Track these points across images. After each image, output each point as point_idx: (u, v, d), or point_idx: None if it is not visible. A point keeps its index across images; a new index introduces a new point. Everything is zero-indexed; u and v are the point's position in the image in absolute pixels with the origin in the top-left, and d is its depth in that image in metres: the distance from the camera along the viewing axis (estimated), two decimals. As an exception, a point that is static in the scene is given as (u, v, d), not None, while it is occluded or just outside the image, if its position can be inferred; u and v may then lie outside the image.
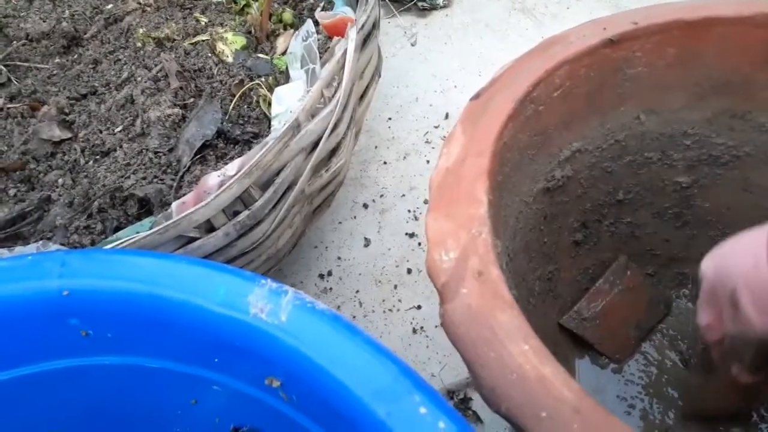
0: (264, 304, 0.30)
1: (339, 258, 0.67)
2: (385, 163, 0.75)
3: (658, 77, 0.47)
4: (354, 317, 0.62)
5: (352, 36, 0.46)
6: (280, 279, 0.65)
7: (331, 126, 0.45)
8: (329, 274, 0.66)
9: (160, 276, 0.32)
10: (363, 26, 0.48)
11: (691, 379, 0.51)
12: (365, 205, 0.71)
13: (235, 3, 0.58)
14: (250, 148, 0.45)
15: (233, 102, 0.50)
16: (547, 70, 0.43)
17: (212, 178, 0.41)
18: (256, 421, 0.37)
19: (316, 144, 0.44)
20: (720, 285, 0.39)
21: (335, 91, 0.45)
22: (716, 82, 0.48)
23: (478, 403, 0.55)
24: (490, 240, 0.35)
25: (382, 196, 0.72)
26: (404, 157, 0.75)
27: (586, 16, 0.85)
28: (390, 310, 0.63)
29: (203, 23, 0.57)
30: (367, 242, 0.68)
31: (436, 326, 0.61)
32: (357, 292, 0.64)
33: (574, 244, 0.54)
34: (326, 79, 0.44)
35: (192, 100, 0.50)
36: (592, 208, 0.53)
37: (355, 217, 0.70)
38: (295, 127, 0.42)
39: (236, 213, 0.42)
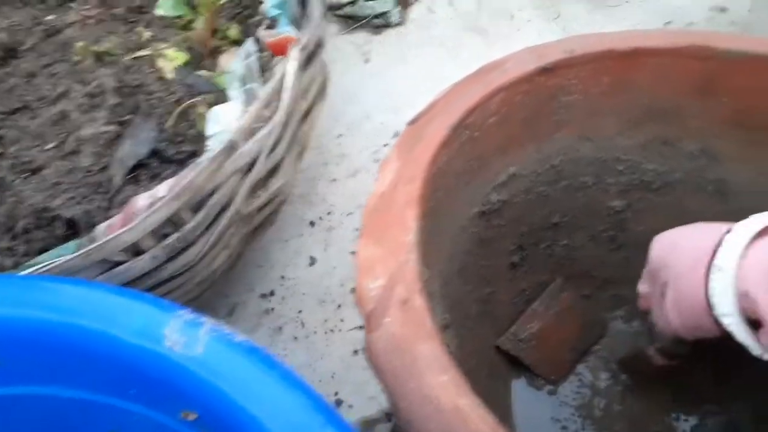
0: (179, 336, 0.29)
1: (283, 277, 0.66)
2: (334, 180, 0.75)
3: (593, 105, 0.48)
4: (295, 338, 0.62)
5: (294, 56, 0.46)
6: (221, 299, 0.65)
7: (269, 147, 0.44)
8: (272, 293, 0.65)
9: (77, 304, 0.31)
10: (305, 46, 0.48)
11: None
12: (312, 223, 0.71)
13: (181, 18, 0.57)
14: (185, 168, 0.44)
15: (171, 120, 0.49)
16: (483, 96, 0.43)
17: (141, 200, 0.40)
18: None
19: (252, 165, 0.44)
20: (657, 270, 0.41)
21: (274, 111, 0.44)
22: (648, 110, 0.49)
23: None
24: (417, 268, 0.35)
25: (329, 213, 0.72)
26: (354, 175, 0.75)
27: (535, 38, 0.87)
28: (332, 330, 0.62)
29: (146, 38, 0.56)
30: (312, 261, 0.67)
31: (378, 346, 0.61)
32: (300, 312, 0.64)
33: (511, 266, 0.54)
34: (265, 99, 0.44)
35: (129, 117, 0.49)
36: (529, 231, 0.53)
37: (301, 235, 0.70)
38: (230, 147, 0.42)
39: (165, 235, 0.41)
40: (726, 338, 0.35)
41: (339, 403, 0.58)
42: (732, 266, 0.33)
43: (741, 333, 0.34)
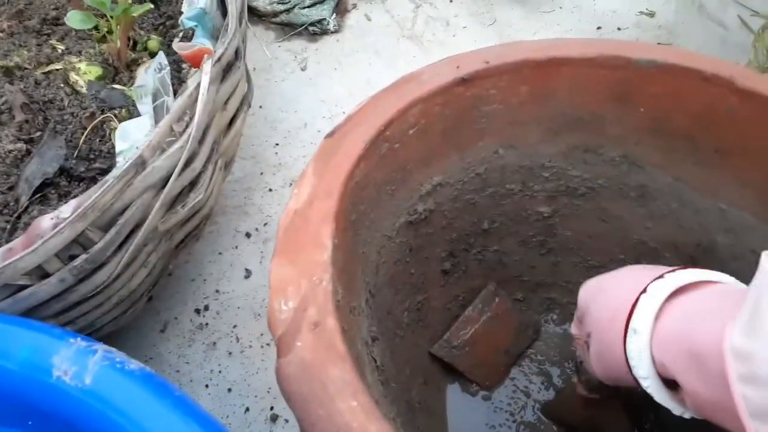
0: (69, 365, 0.28)
1: (217, 291, 0.65)
2: (270, 190, 0.74)
3: (513, 114, 0.49)
4: (230, 353, 0.61)
5: (207, 69, 0.45)
6: (152, 316, 0.63)
7: (182, 161, 0.43)
8: (206, 308, 0.63)
9: (-39, 337, 0.30)
10: (221, 58, 0.47)
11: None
12: (248, 234, 0.69)
13: (97, 30, 0.55)
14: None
15: (84, 136, 0.47)
16: (400, 109, 0.43)
17: (45, 221, 0.38)
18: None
19: (166, 180, 0.43)
20: (583, 317, 0.41)
21: (187, 126, 0.43)
22: (568, 118, 0.50)
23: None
24: (330, 288, 0.34)
25: (266, 224, 0.71)
26: (291, 184, 0.74)
27: (470, 44, 0.87)
28: (268, 344, 0.61)
29: (59, 51, 0.54)
30: (248, 273, 0.66)
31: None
32: (234, 326, 0.62)
33: (443, 273, 0.54)
34: (176, 114, 0.43)
35: (39, 134, 0.47)
36: (459, 238, 0.53)
37: (236, 247, 0.68)
38: (140, 164, 0.40)
39: (73, 257, 0.40)
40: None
41: (275, 418, 0.57)
42: (646, 330, 0.33)
43: (659, 395, 0.34)
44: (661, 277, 0.34)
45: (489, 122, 0.48)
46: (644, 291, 0.34)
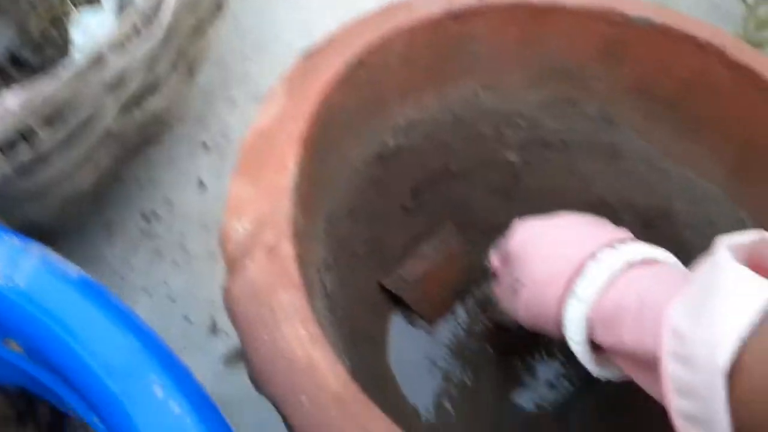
0: (2, 265, 0.26)
1: (168, 199, 0.63)
2: (233, 102, 0.70)
3: (499, 56, 0.47)
4: (176, 263, 0.59)
5: (180, -39, 0.41)
6: (96, 217, 0.60)
7: (144, 63, 0.40)
8: (155, 216, 0.61)
9: None
10: (196, -49, 0.43)
11: None
12: (205, 145, 0.66)
13: None
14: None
15: (36, 22, 0.43)
16: (384, 36, 0.41)
17: (-13, 107, 0.35)
18: (14, 378, 0.34)
19: (123, 80, 0.40)
20: (513, 258, 0.40)
21: (151, 24, 0.40)
22: (554, 67, 0.48)
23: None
24: (290, 213, 0.33)
25: (225, 137, 0.68)
26: (255, 99, 0.71)
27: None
28: (216, 258, 0.60)
29: None
30: (201, 186, 0.64)
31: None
32: (183, 236, 0.61)
33: (404, 210, 0.54)
34: (141, 11, 0.39)
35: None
36: (425, 178, 0.53)
37: (191, 156, 0.66)
38: (97, 60, 0.37)
39: (14, 149, 0.37)
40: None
41: (214, 329, 0.56)
42: (589, 299, 0.33)
43: (584, 358, 0.35)
44: (611, 246, 0.34)
45: (473, 62, 0.46)
46: (593, 257, 0.34)
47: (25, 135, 0.36)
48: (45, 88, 0.35)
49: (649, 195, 0.52)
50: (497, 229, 0.59)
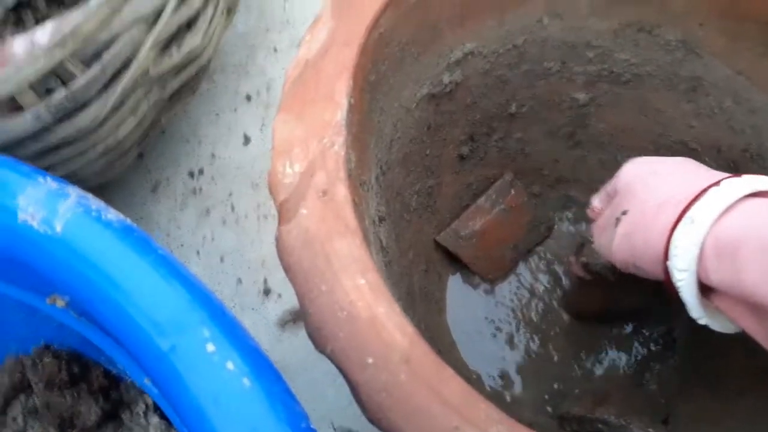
0: (37, 208, 0.24)
1: (213, 155, 0.60)
2: (275, 50, 0.67)
3: (567, -23, 0.42)
4: (224, 222, 0.57)
5: None
6: (143, 174, 0.58)
7: (178, -6, 0.37)
8: (200, 172, 0.59)
9: None
10: None
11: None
12: (248, 97, 0.64)
13: None
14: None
15: (65, -47, 0.40)
16: (439, -48, 0.36)
17: (17, 45, 0.33)
18: (64, 338, 0.32)
19: (159, 14, 0.37)
20: (621, 195, 0.37)
21: (186, -48, 0.36)
22: (628, -12, 0.43)
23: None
24: (343, 153, 0.30)
25: (268, 88, 0.64)
26: (298, 46, 0.67)
27: None
28: (265, 216, 0.58)
29: None
30: (246, 140, 0.61)
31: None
32: (230, 194, 0.58)
33: (459, 158, 0.50)
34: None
35: (12, -55, 0.40)
36: (482, 121, 0.48)
37: (235, 110, 0.63)
38: (129, -10, 0.34)
39: (51, 91, 0.34)
40: (667, 287, 0.32)
41: (267, 292, 0.54)
42: (706, 223, 0.29)
43: (689, 292, 0.31)
44: (737, 175, 0.30)
45: (538, -17, 0.41)
46: (716, 184, 0.30)
47: (60, 75, 0.34)
48: (75, 21, 0.32)
49: (736, 135, 0.46)
50: (560, 180, 0.55)
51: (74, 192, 0.25)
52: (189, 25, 0.40)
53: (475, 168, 0.52)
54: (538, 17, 0.43)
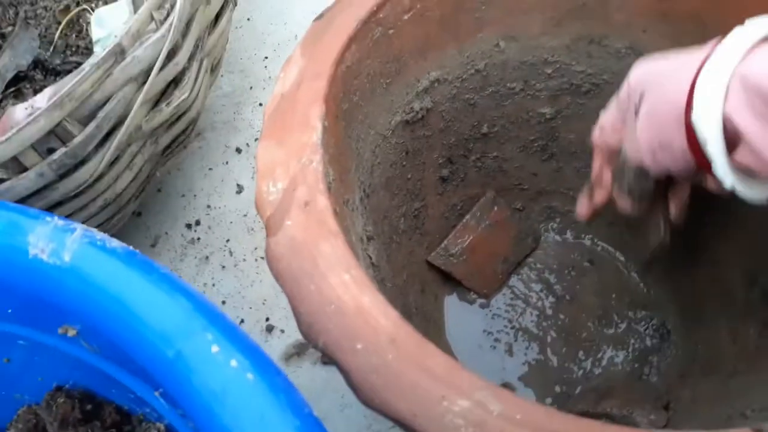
0: (46, 243, 0.26)
1: (209, 206, 0.63)
2: (260, 104, 0.71)
3: (515, 1, 0.46)
4: (224, 267, 0.59)
5: (187, -47, 0.42)
6: (143, 231, 0.61)
7: (164, 53, 0.40)
8: (197, 223, 0.62)
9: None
10: (202, -56, 0.44)
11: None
12: (238, 150, 0.67)
13: None
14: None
15: (59, 30, 0.44)
16: (393, -11, 0.40)
17: (19, 111, 0.36)
18: (75, 377, 0.34)
19: (148, 74, 0.40)
20: (634, 92, 0.36)
21: (168, 14, 0.40)
22: (572, 5, 0.47)
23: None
24: (320, 169, 0.33)
25: (256, 139, 0.68)
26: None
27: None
28: (262, 258, 0.60)
29: (28, -57, 0.50)
30: (239, 189, 0.64)
31: (309, 271, 0.59)
32: (227, 240, 0.61)
33: (441, 180, 0.52)
34: (156, 0, 0.40)
35: (11, 29, 0.44)
36: (457, 143, 0.51)
37: (227, 163, 0.66)
38: (119, 53, 0.38)
39: (52, 150, 0.37)
40: (693, 174, 0.32)
41: (270, 328, 0.56)
42: (728, 69, 0.28)
43: (716, 147, 0.29)
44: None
45: (489, 10, 0.45)
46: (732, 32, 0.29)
47: (59, 134, 0.37)
48: (72, 84, 0.36)
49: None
50: (541, 193, 0.58)
51: (80, 226, 0.27)
52: (176, 81, 0.43)
53: (457, 189, 0.54)
54: (495, 42, 0.47)
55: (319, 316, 0.27)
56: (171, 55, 0.42)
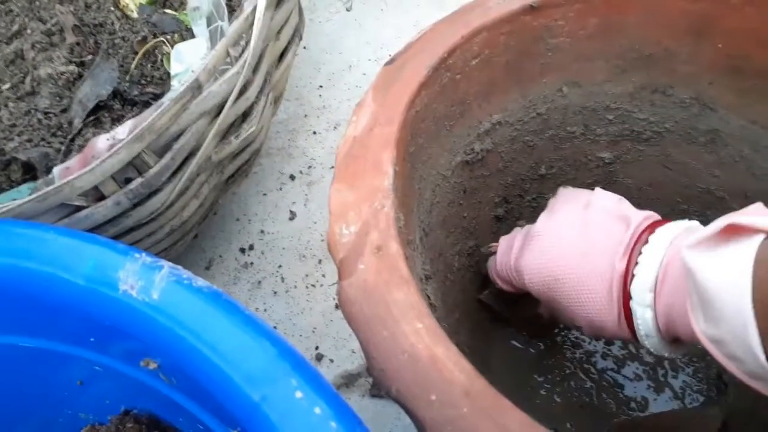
0: (135, 280, 0.27)
1: (262, 231, 0.64)
2: (314, 132, 0.72)
3: (581, 48, 0.46)
4: (275, 293, 0.60)
5: (263, -7, 0.43)
6: (198, 254, 0.63)
7: (238, 88, 0.42)
8: (251, 248, 0.63)
9: (24, 246, 0.29)
10: (277, -17, 0.45)
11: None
12: (292, 177, 0.68)
13: (147, -46, 0.54)
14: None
15: (135, 61, 0.46)
16: (464, 36, 0.41)
17: (101, 142, 0.38)
18: (144, 403, 0.35)
19: (221, 108, 0.42)
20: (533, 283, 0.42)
21: (243, 51, 0.42)
22: (638, 55, 0.47)
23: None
24: (392, 214, 0.33)
25: (310, 167, 0.69)
26: (335, 128, 0.73)
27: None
28: (313, 285, 0.61)
29: (109, -25, 0.53)
30: (292, 215, 0.65)
31: (358, 301, 0.59)
32: (279, 266, 0.62)
33: (495, 219, 0.53)
34: (232, 37, 0.41)
35: (90, 57, 0.46)
36: (514, 183, 0.52)
37: (281, 189, 0.67)
38: (196, 88, 0.39)
39: (129, 180, 0.39)
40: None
41: (320, 357, 0.57)
42: (648, 301, 0.34)
43: (658, 347, 0.35)
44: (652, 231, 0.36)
45: (554, 56, 0.46)
46: (642, 246, 0.36)
47: (137, 165, 0.39)
48: (152, 118, 0.37)
49: (758, 179, 0.48)
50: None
51: (166, 264, 0.28)
52: (245, 115, 0.45)
53: (511, 228, 0.54)
54: (558, 87, 0.47)
55: (392, 362, 0.28)
56: (243, 89, 0.43)
